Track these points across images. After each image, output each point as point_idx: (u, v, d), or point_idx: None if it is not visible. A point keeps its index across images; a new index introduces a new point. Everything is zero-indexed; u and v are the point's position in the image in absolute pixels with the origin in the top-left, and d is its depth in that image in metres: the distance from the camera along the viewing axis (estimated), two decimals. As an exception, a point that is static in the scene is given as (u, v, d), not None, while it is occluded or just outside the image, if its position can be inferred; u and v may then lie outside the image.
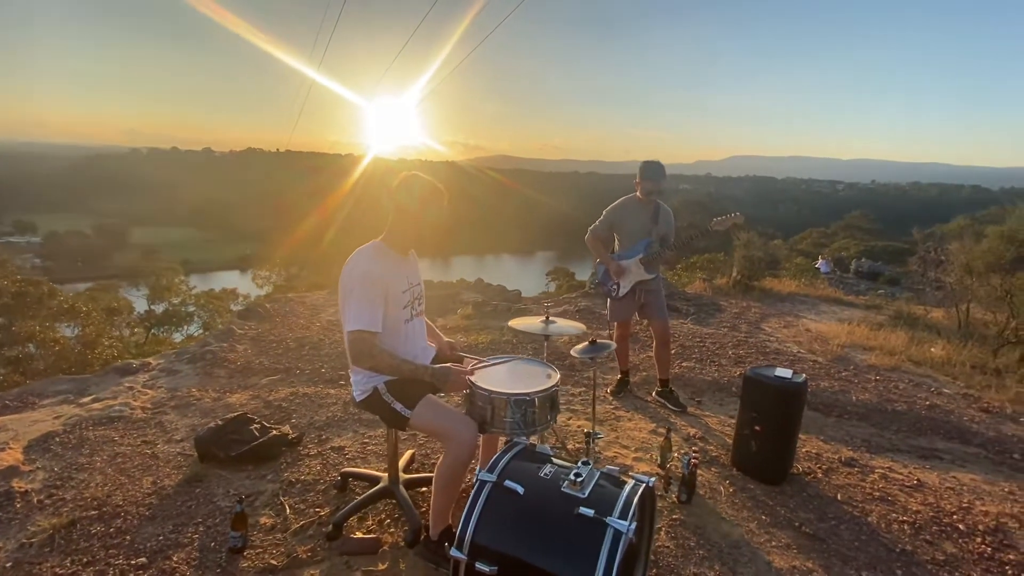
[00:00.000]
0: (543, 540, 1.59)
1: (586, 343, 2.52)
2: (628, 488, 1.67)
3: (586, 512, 1.56)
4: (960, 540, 2.44)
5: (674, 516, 2.45)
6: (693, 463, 2.59)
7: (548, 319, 2.60)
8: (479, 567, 1.58)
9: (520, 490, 1.65)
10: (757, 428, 2.79)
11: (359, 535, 2.23)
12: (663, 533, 2.34)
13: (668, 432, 2.93)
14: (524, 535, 1.61)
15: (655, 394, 3.85)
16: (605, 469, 1.77)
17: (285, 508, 2.40)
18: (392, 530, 2.27)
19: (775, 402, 2.77)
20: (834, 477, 2.92)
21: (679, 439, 3.24)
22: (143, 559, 2.08)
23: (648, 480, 1.73)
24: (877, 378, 4.69)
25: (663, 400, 3.76)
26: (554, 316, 2.66)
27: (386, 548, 2.17)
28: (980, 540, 2.44)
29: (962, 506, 2.71)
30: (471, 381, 2.05)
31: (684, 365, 4.75)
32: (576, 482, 1.64)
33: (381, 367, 2.03)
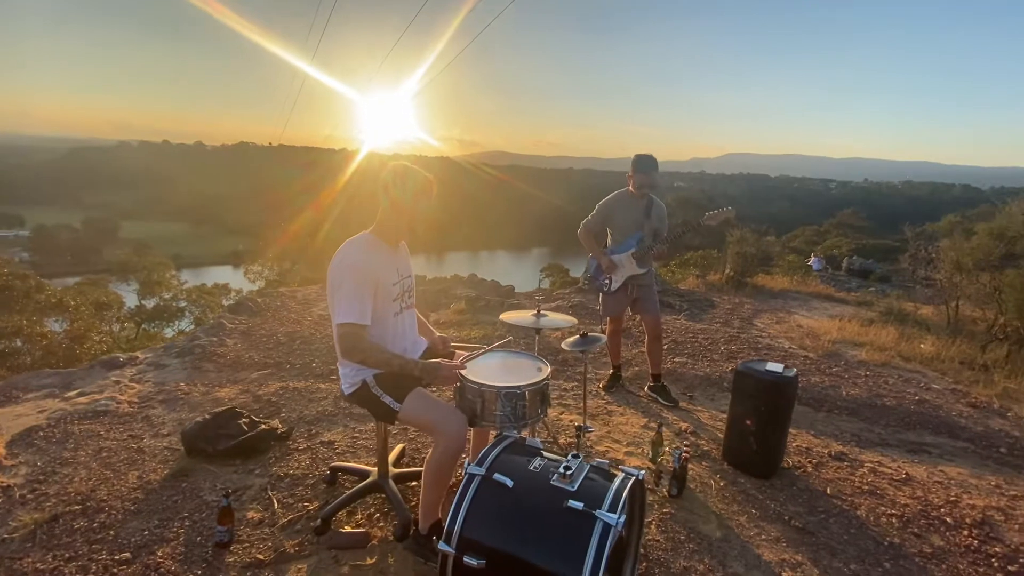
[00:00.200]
0: (532, 533, 1.57)
1: (577, 336, 2.51)
2: (618, 481, 1.66)
3: (575, 505, 1.55)
4: (947, 533, 2.46)
5: (664, 510, 2.45)
6: (684, 457, 2.59)
7: (539, 312, 2.58)
8: (467, 561, 1.56)
9: (509, 483, 1.63)
10: (748, 422, 2.80)
11: (348, 529, 2.21)
12: (653, 527, 2.33)
13: (660, 427, 2.93)
14: (512, 528, 1.60)
15: (647, 389, 3.85)
16: (595, 462, 1.75)
17: (273, 503, 2.38)
18: (381, 524, 2.25)
19: (766, 396, 2.77)
20: (824, 471, 2.93)
21: (671, 434, 3.24)
22: (127, 554, 2.05)
23: (638, 473, 1.73)
24: (867, 373, 4.72)
25: (655, 395, 3.77)
26: (546, 310, 2.64)
27: (375, 542, 2.15)
28: (967, 533, 2.46)
29: (949, 499, 2.73)
30: (461, 375, 2.03)
31: (676, 360, 4.75)
32: (566, 475, 1.63)
33: (370, 361, 2.00)
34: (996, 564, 2.27)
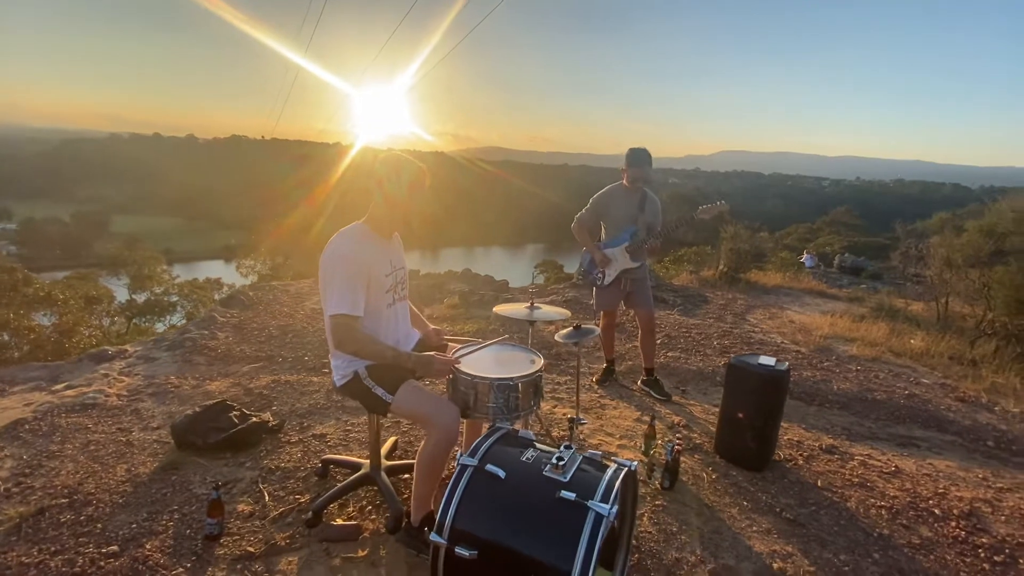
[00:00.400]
0: (524, 524, 1.57)
1: (570, 328, 2.50)
2: (610, 472, 1.65)
3: (567, 496, 1.54)
4: (935, 524, 2.49)
5: (657, 502, 2.46)
6: (676, 450, 2.59)
7: (533, 305, 2.57)
8: (459, 552, 1.55)
9: (501, 474, 1.63)
10: (740, 415, 2.81)
11: (339, 522, 2.20)
12: (645, 519, 2.34)
13: (652, 420, 2.94)
14: (505, 519, 1.59)
15: (640, 383, 3.85)
16: (588, 453, 1.75)
17: (264, 495, 2.36)
18: (373, 517, 2.24)
19: (758, 389, 2.79)
20: (815, 464, 2.95)
21: (663, 427, 3.25)
22: (115, 547, 2.02)
23: (630, 464, 1.72)
24: (858, 368, 4.75)
25: (648, 389, 3.77)
26: (539, 303, 2.64)
27: (367, 535, 2.14)
28: (955, 524, 2.49)
29: (938, 492, 2.76)
30: (454, 367, 2.02)
31: (670, 355, 4.77)
32: (558, 466, 1.62)
33: (363, 352, 1.98)
34: (983, 555, 2.29)
